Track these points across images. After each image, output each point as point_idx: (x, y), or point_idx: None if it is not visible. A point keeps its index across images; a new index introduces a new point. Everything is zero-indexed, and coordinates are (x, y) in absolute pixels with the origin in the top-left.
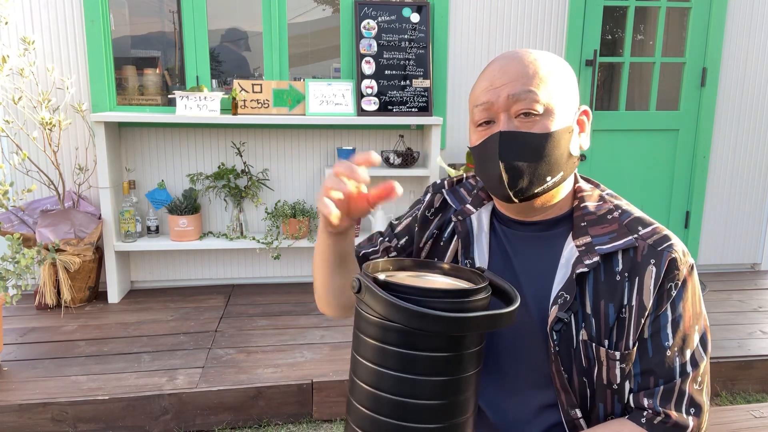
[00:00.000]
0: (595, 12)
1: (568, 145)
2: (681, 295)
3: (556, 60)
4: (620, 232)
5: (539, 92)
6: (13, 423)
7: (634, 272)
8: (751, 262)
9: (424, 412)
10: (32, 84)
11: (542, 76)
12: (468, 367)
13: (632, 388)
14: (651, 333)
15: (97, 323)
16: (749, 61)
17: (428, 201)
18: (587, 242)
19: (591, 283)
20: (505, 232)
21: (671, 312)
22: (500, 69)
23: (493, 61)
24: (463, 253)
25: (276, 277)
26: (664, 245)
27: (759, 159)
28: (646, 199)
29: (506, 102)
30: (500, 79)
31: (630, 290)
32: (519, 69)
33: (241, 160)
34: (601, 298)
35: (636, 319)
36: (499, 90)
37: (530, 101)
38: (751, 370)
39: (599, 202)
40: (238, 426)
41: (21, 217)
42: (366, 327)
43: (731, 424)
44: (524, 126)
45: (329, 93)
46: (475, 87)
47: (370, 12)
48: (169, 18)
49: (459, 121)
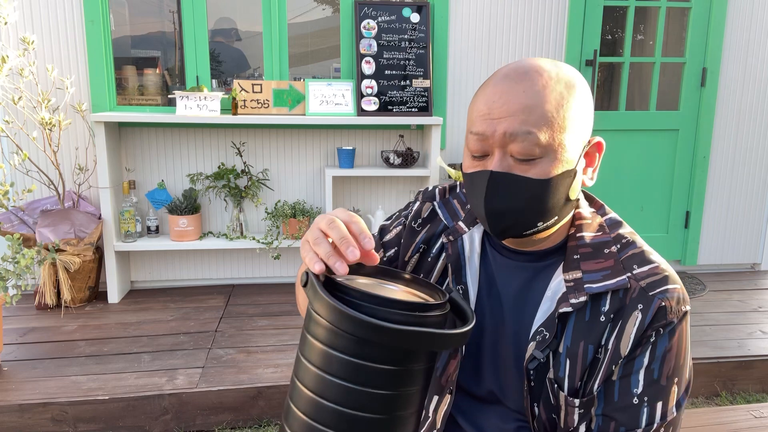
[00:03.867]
0: (595, 12)
1: (567, 190)
2: (664, 344)
3: (571, 82)
4: (615, 270)
5: (540, 134)
6: (13, 423)
7: (619, 315)
8: (751, 262)
9: (365, 423)
10: (32, 84)
11: (548, 111)
12: (412, 383)
13: (591, 430)
14: (621, 375)
15: (97, 323)
16: (749, 61)
17: (416, 210)
18: (577, 278)
19: (572, 321)
20: (494, 256)
21: (648, 358)
22: (501, 95)
23: (497, 78)
24: (454, 279)
25: (276, 277)
26: (657, 290)
27: (759, 159)
28: (646, 199)
29: (502, 139)
30: (499, 108)
31: (610, 332)
32: (521, 101)
33: (241, 160)
34: (581, 339)
35: (608, 363)
36: (496, 123)
37: (529, 144)
38: (751, 370)
39: (597, 233)
40: (238, 426)
41: (21, 217)
42: (313, 328)
43: (731, 424)
44: (519, 168)
45: (329, 93)
46: (475, 103)
47: (370, 12)
48: (169, 18)
49: (459, 121)
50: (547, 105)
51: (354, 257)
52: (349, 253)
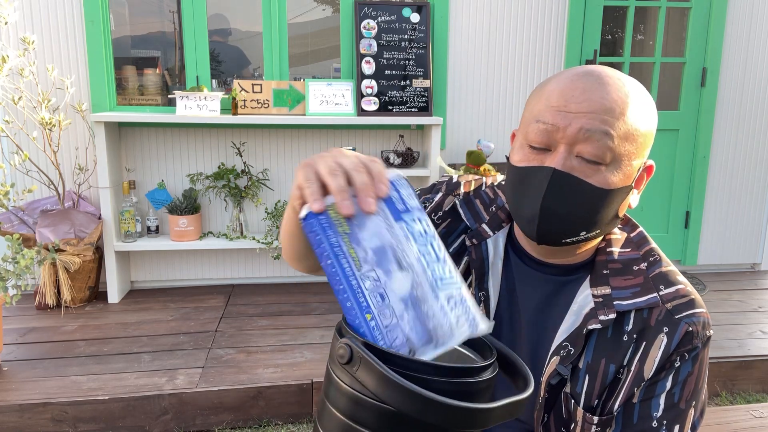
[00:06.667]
0: (595, 12)
1: (618, 207)
2: (687, 369)
3: (649, 100)
4: (645, 287)
5: (616, 139)
6: (13, 423)
7: (643, 336)
8: (751, 262)
9: None
10: (32, 84)
11: (628, 119)
12: None
13: None
14: (641, 399)
15: (97, 323)
16: (749, 61)
17: (437, 202)
18: (606, 294)
19: (595, 338)
20: (517, 265)
21: (671, 383)
22: (583, 90)
23: (574, 74)
24: (477, 285)
25: (276, 277)
26: (683, 314)
27: (759, 159)
28: (646, 199)
29: (575, 135)
30: (579, 103)
31: (633, 353)
32: (605, 101)
33: (241, 160)
34: (602, 357)
35: (630, 385)
36: (572, 117)
37: (603, 146)
38: (751, 370)
39: (626, 249)
40: (238, 426)
41: (21, 217)
42: (340, 400)
43: (731, 424)
44: (582, 171)
45: (329, 93)
46: (541, 95)
47: (370, 12)
48: (169, 18)
49: (459, 121)
50: (629, 112)
51: (369, 209)
52: (366, 204)
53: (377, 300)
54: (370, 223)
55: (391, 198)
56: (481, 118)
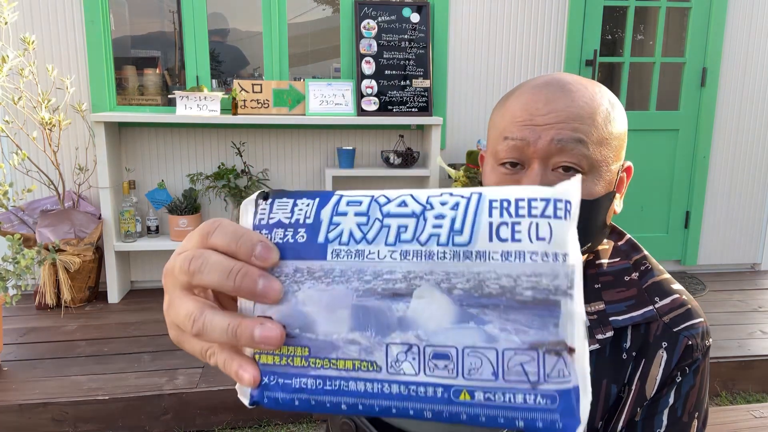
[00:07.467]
0: (595, 12)
1: (606, 214)
2: (689, 383)
3: (613, 99)
4: (639, 300)
5: (590, 145)
6: (13, 423)
7: (642, 353)
8: (751, 262)
9: None
10: (32, 84)
11: (599, 124)
12: None
13: None
14: (644, 416)
15: (97, 323)
16: (749, 61)
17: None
18: (600, 310)
19: (593, 358)
20: None
21: (673, 398)
22: (546, 101)
23: (535, 85)
24: None
25: None
26: (681, 326)
27: (759, 159)
28: (645, 199)
29: (547, 148)
30: (544, 115)
31: (633, 371)
32: (571, 108)
33: (241, 160)
34: (603, 377)
35: (632, 405)
36: (541, 129)
37: (578, 154)
38: (751, 370)
39: (615, 259)
40: (238, 426)
41: (21, 217)
42: None
43: (731, 424)
44: None
45: (329, 93)
46: (505, 111)
47: (370, 12)
48: (169, 18)
49: (459, 121)
50: (597, 116)
51: (276, 297)
52: (269, 294)
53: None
54: (307, 304)
55: (283, 243)
56: (481, 118)
